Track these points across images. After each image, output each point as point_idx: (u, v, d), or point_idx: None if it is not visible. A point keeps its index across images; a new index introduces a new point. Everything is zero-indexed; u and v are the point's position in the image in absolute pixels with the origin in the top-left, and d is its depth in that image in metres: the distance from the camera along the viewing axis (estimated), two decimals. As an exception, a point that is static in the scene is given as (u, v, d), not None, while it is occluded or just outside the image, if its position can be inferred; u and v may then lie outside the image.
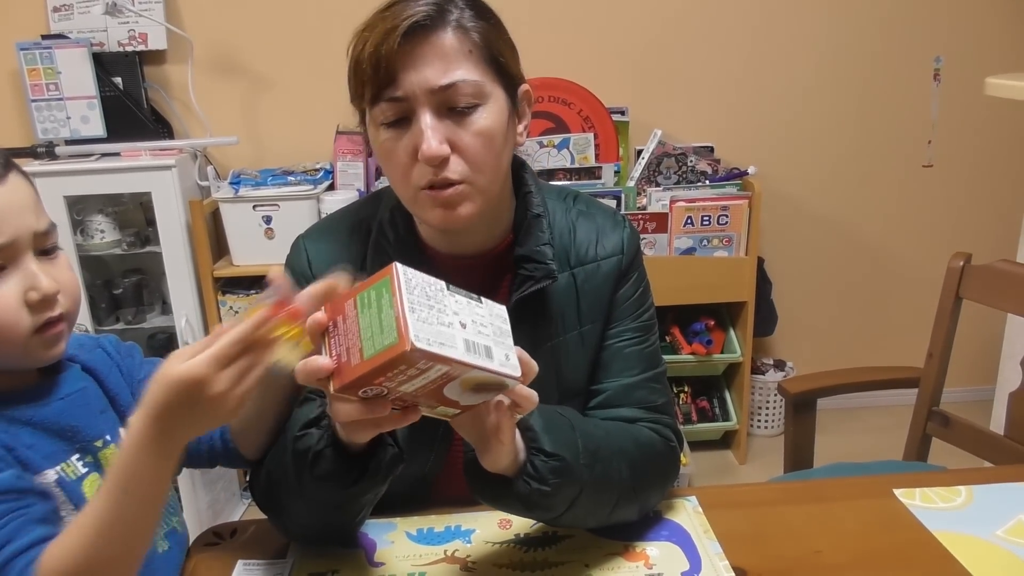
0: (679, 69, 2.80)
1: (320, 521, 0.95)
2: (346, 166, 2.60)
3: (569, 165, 2.60)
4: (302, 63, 2.71)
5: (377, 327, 0.68)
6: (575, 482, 0.89)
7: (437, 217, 0.95)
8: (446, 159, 0.90)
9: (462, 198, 0.93)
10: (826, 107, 2.85)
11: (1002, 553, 0.97)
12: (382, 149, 0.94)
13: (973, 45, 2.80)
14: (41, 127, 2.54)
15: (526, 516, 0.95)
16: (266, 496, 0.98)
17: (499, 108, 0.94)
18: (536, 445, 0.87)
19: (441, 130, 0.90)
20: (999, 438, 1.56)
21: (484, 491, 0.89)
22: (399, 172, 0.94)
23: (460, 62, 0.90)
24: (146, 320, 2.71)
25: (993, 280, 1.57)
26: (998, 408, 2.18)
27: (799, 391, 1.68)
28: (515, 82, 0.97)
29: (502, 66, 0.94)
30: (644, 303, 1.11)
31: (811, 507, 1.09)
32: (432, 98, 0.89)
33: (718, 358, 2.70)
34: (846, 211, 2.96)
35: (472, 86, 0.90)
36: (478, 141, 0.92)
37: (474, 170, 0.92)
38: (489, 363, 0.72)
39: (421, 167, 0.91)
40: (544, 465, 0.86)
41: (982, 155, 2.92)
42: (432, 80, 0.89)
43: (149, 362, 1.02)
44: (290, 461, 0.88)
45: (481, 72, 0.91)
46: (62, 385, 0.91)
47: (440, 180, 0.91)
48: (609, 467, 0.93)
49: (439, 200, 0.93)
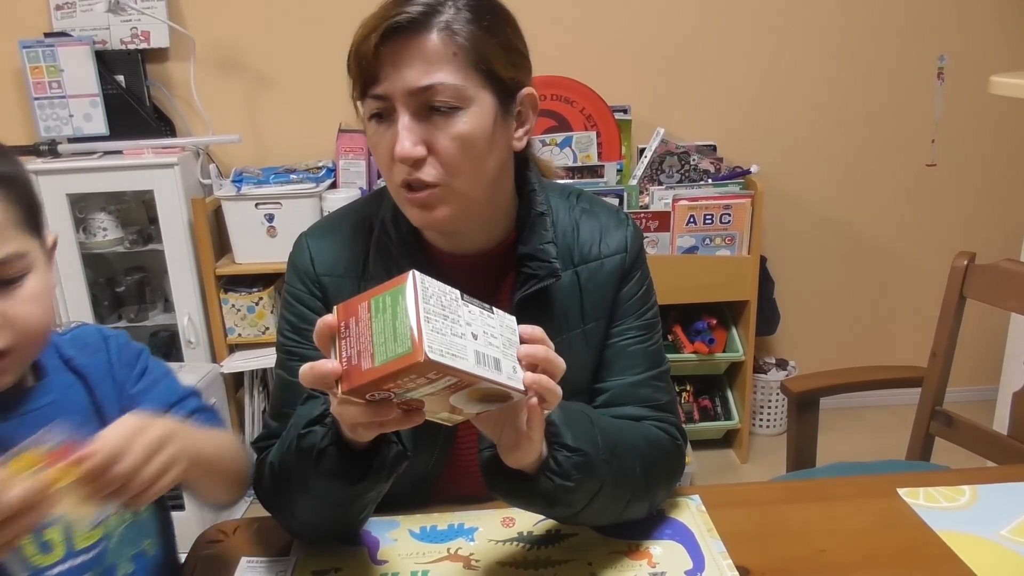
0: (682, 68, 2.80)
1: (324, 518, 0.95)
2: (348, 164, 2.60)
3: (571, 163, 2.60)
4: (305, 61, 2.71)
5: (391, 333, 0.68)
6: (596, 477, 0.89)
7: (414, 216, 0.96)
8: (421, 160, 0.91)
9: (437, 201, 0.93)
10: (829, 106, 2.85)
11: (1007, 553, 0.97)
12: (371, 142, 0.96)
13: (978, 43, 2.79)
14: (44, 125, 2.54)
15: (546, 513, 0.94)
16: (269, 493, 0.98)
17: (483, 113, 0.92)
18: (558, 440, 0.86)
19: (417, 131, 0.90)
20: (1002, 438, 1.56)
21: (503, 489, 0.88)
22: (383, 167, 0.95)
23: (442, 65, 0.89)
24: (148, 318, 2.71)
25: (997, 279, 1.57)
26: (1001, 408, 2.18)
27: (802, 390, 1.67)
28: (508, 86, 0.95)
29: (492, 70, 0.93)
30: (647, 301, 1.11)
31: (815, 506, 1.09)
32: (411, 99, 0.89)
33: (720, 357, 2.70)
34: (849, 210, 2.96)
35: (452, 90, 0.89)
36: (454, 145, 0.91)
37: (449, 173, 0.92)
38: (498, 376, 0.72)
39: (399, 166, 0.92)
40: (567, 460, 0.86)
41: (986, 154, 2.91)
42: (411, 81, 0.89)
43: (148, 373, 0.98)
44: (294, 458, 0.88)
45: (464, 76, 0.90)
46: (33, 398, 0.87)
47: (414, 180, 0.92)
48: (624, 463, 0.93)
49: (415, 201, 0.94)
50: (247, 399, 2.69)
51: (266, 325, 2.57)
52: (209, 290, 2.56)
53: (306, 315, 1.05)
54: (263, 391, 2.69)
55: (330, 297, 1.04)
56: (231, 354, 2.62)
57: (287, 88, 2.75)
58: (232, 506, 1.02)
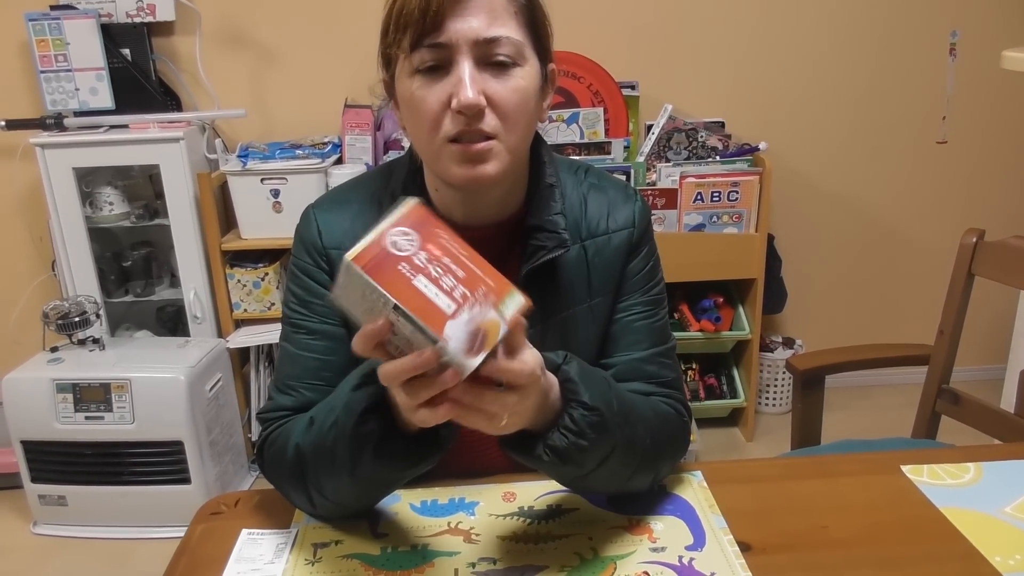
0: (690, 44, 2.77)
1: (359, 497, 0.97)
2: (354, 140, 2.59)
3: (578, 140, 2.58)
4: (311, 36, 2.70)
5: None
6: (610, 439, 0.88)
7: (461, 173, 0.93)
8: (481, 111, 0.89)
9: (491, 155, 0.92)
10: (839, 82, 2.82)
11: (1009, 529, 0.96)
12: (413, 98, 0.92)
13: (990, 19, 2.76)
14: (50, 98, 2.54)
15: (554, 473, 0.93)
16: (290, 472, 0.97)
17: (534, 73, 0.94)
18: (576, 397, 0.86)
19: (479, 81, 0.89)
20: (1009, 416, 1.55)
21: (515, 445, 0.88)
22: (427, 122, 0.92)
23: (506, 20, 0.90)
24: (155, 293, 2.72)
25: (1007, 257, 1.56)
26: (1009, 387, 2.17)
27: (807, 367, 1.67)
28: (548, 56, 0.98)
29: (540, 36, 0.95)
30: (654, 277, 1.11)
31: (817, 482, 1.08)
32: (475, 49, 0.89)
33: (727, 335, 2.69)
34: (858, 188, 2.93)
35: (515, 45, 0.90)
36: (515, 97, 0.91)
37: (506, 126, 0.91)
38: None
39: (453, 117, 0.90)
40: (584, 419, 0.85)
41: (997, 131, 2.88)
42: (478, 31, 0.88)
43: None
44: (346, 444, 0.87)
45: (523, 35, 0.92)
46: None
47: (474, 132, 0.90)
48: (636, 430, 0.93)
49: (468, 154, 0.91)
50: (253, 374, 2.70)
51: (272, 301, 2.58)
52: (215, 265, 2.56)
53: (312, 288, 1.05)
54: (269, 366, 2.70)
55: (336, 271, 1.03)
56: (237, 329, 2.63)
57: (293, 63, 2.73)
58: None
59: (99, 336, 2.49)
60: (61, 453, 2.34)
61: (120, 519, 2.40)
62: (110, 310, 2.69)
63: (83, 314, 2.42)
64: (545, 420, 0.87)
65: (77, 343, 2.47)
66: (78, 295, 2.52)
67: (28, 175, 2.67)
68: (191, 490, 2.34)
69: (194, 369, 2.34)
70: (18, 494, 2.47)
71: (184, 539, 1.01)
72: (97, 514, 2.40)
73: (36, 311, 2.50)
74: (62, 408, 2.29)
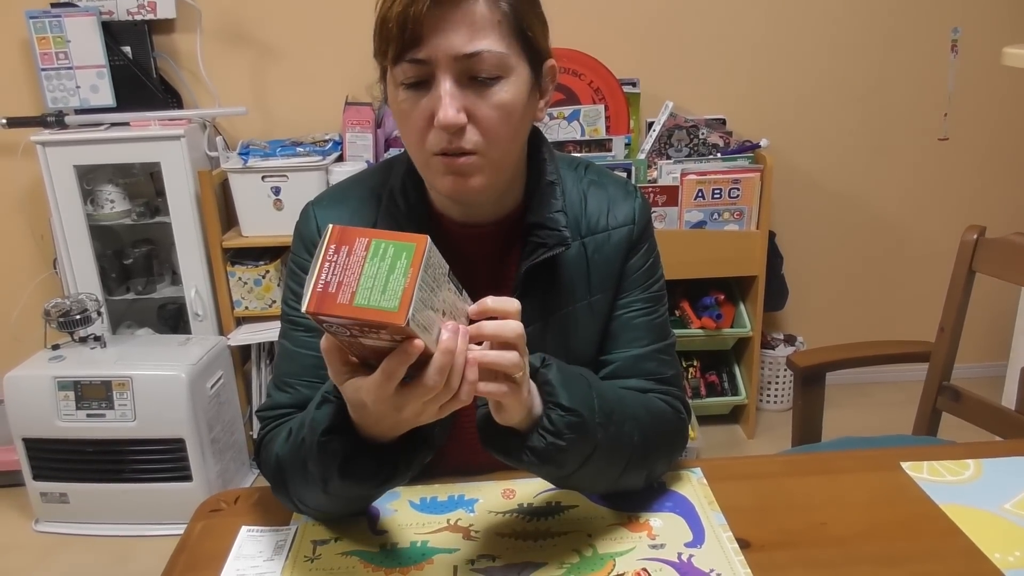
0: (691, 40, 2.77)
1: (338, 508, 0.97)
2: (355, 137, 2.59)
3: (579, 137, 2.58)
4: (311, 33, 2.69)
5: (380, 284, 0.68)
6: (590, 439, 0.88)
7: (447, 184, 0.94)
8: (462, 128, 0.89)
9: (474, 169, 0.92)
10: (841, 79, 2.82)
11: (1009, 526, 0.96)
12: (400, 110, 0.93)
13: (991, 15, 2.75)
14: (51, 96, 2.54)
15: (536, 472, 0.94)
16: (276, 480, 0.97)
17: (521, 82, 0.92)
18: (553, 400, 0.86)
19: (460, 98, 0.89)
20: (1010, 413, 1.55)
21: (497, 444, 0.88)
22: (414, 135, 0.92)
23: (488, 32, 0.88)
24: (156, 290, 2.72)
25: (1008, 253, 1.55)
26: (1009, 384, 2.17)
27: (808, 364, 1.67)
28: (541, 57, 0.96)
29: (529, 40, 0.93)
30: (654, 274, 1.11)
31: (817, 479, 1.08)
32: (455, 65, 0.88)
33: (728, 332, 2.69)
34: (860, 185, 2.93)
35: (497, 57, 0.89)
36: (496, 114, 0.90)
37: (488, 142, 0.91)
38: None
39: (436, 133, 0.90)
40: (561, 420, 0.86)
41: (999, 128, 2.88)
42: (457, 47, 0.87)
43: None
44: (315, 461, 0.86)
45: (507, 44, 0.90)
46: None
47: (454, 148, 0.90)
48: (622, 430, 0.93)
49: (452, 167, 0.92)
50: (254, 371, 2.70)
51: (272, 298, 2.58)
52: (216, 263, 2.56)
53: None
54: (270, 364, 2.70)
55: None
56: (238, 327, 2.63)
57: (294, 60, 2.73)
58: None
59: (100, 334, 2.49)
60: (62, 451, 2.35)
61: (121, 516, 2.40)
62: (111, 308, 2.69)
63: (84, 312, 2.42)
64: (531, 421, 0.87)
65: (78, 341, 2.47)
66: (79, 293, 2.52)
67: (29, 173, 2.68)
68: (192, 488, 2.34)
69: (195, 367, 2.34)
70: (20, 492, 2.48)
71: (184, 536, 1.01)
72: (98, 511, 2.40)
73: (37, 309, 2.51)
74: (63, 406, 2.30)
